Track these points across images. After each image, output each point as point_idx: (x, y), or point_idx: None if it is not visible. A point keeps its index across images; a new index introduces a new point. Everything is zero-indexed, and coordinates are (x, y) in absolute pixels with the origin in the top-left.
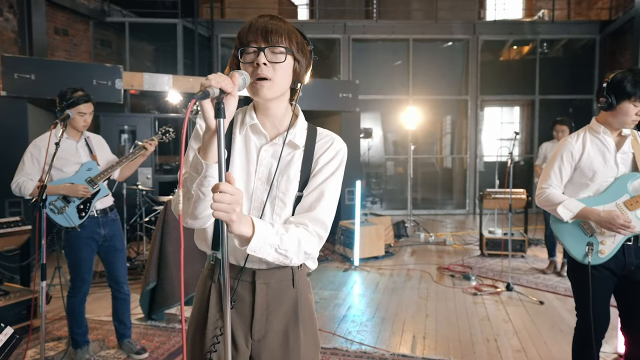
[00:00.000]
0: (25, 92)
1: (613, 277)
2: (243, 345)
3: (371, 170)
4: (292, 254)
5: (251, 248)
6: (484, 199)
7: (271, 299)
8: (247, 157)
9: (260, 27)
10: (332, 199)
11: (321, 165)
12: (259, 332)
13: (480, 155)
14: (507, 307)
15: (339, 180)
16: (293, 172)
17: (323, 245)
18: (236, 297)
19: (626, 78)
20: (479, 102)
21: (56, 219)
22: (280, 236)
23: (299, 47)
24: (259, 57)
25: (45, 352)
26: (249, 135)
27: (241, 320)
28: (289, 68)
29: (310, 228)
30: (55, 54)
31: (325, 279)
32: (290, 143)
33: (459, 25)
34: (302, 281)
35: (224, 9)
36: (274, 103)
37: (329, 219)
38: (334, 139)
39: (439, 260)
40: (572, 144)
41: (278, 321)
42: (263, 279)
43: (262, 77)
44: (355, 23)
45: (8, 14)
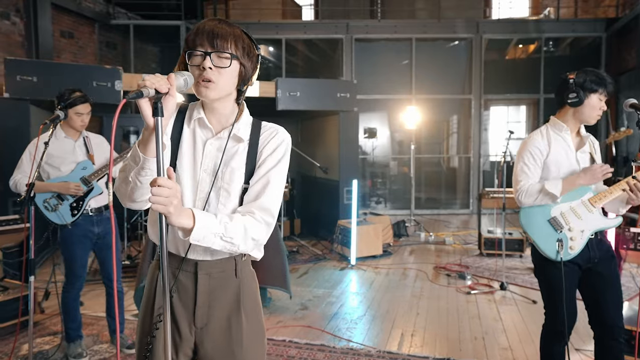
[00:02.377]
0: (28, 93)
1: (579, 270)
2: (187, 332)
3: (377, 170)
4: (239, 240)
5: (194, 238)
6: (483, 198)
7: (213, 288)
8: (194, 150)
9: (208, 32)
10: (277, 187)
11: (265, 156)
12: (201, 320)
13: (486, 155)
14: (499, 306)
15: (284, 170)
16: (237, 164)
17: (321, 244)
18: (180, 286)
19: (588, 75)
20: (482, 102)
21: (49, 217)
22: (224, 225)
23: (245, 52)
24: (205, 61)
25: (41, 346)
26: (196, 129)
27: (184, 308)
28: (234, 72)
29: (257, 215)
30: (61, 57)
31: (321, 277)
32: (235, 137)
33: (462, 24)
34: (246, 271)
35: (228, 11)
36: (219, 103)
37: (275, 207)
38: (278, 131)
39: (436, 259)
40: (539, 141)
41: (220, 309)
42: (205, 270)
43: (206, 79)
44: (357, 23)
45: (15, 17)
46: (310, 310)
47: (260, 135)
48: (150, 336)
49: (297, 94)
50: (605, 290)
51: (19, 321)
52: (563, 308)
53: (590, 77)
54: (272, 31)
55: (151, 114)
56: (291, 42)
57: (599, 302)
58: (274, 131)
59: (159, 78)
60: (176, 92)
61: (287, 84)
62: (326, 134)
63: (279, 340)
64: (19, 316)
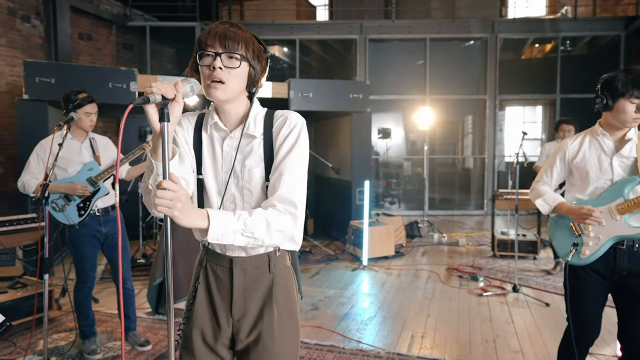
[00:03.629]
0: (46, 95)
1: (604, 281)
2: (225, 323)
3: (391, 170)
4: (262, 234)
5: (211, 237)
6: (496, 199)
7: (248, 283)
8: (213, 153)
9: (219, 33)
10: (294, 175)
11: (278, 146)
12: (238, 313)
13: (501, 156)
14: (511, 309)
15: (300, 155)
16: (253, 162)
17: (333, 244)
18: (218, 281)
19: (617, 76)
20: (497, 102)
21: (57, 217)
22: (243, 221)
23: (254, 55)
24: (215, 61)
25: (57, 342)
26: (213, 132)
27: (223, 301)
28: (243, 73)
29: (279, 207)
30: (79, 58)
31: (333, 277)
32: (246, 135)
33: (477, 24)
34: (280, 266)
35: (243, 12)
36: (229, 105)
37: (296, 195)
38: (288, 117)
39: (449, 261)
40: (568, 144)
41: (255, 303)
42: (240, 266)
43: (216, 80)
44: (371, 23)
45: (35, 20)
46: (321, 310)
47: (273, 126)
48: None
49: (309, 95)
50: (634, 307)
51: (34, 318)
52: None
53: (617, 79)
54: (286, 32)
55: (158, 119)
56: (305, 42)
57: (627, 319)
58: (285, 118)
59: (166, 84)
60: (183, 97)
61: (300, 84)
62: (339, 135)
63: None
64: (34, 313)
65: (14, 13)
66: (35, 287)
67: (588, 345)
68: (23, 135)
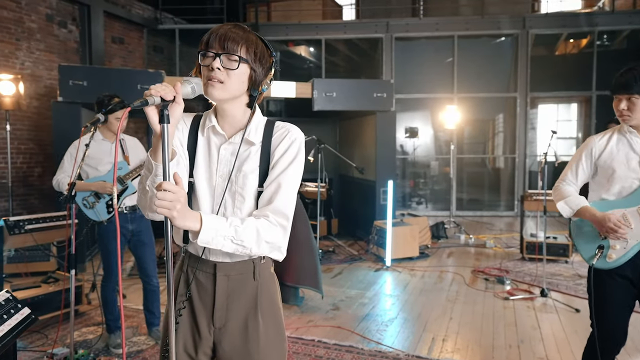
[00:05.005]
0: (79, 97)
1: (631, 286)
2: (206, 331)
3: (418, 170)
4: (250, 243)
5: (201, 240)
6: (525, 200)
7: (231, 290)
8: (209, 157)
9: (220, 34)
10: (290, 190)
11: (277, 158)
12: (219, 321)
13: (533, 155)
14: (538, 314)
15: (298, 171)
16: (250, 168)
17: (357, 244)
18: (199, 287)
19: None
20: (529, 100)
21: (87, 213)
22: (234, 228)
23: (256, 57)
24: (214, 62)
25: (85, 335)
26: (210, 136)
27: (204, 308)
28: (243, 75)
29: (271, 219)
30: (112, 61)
31: (355, 278)
32: (246, 140)
33: (507, 20)
34: (265, 274)
35: (269, 13)
36: (229, 106)
37: (289, 209)
38: (289, 130)
39: (475, 263)
40: (595, 141)
41: (238, 311)
42: (223, 271)
43: (214, 80)
44: (398, 21)
45: (71, 25)
46: (342, 310)
47: (273, 136)
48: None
49: (333, 95)
50: None
51: (62, 313)
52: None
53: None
54: (312, 32)
55: (158, 121)
56: (331, 42)
57: None
58: (285, 131)
59: (165, 86)
60: (184, 98)
61: (323, 84)
62: (363, 134)
63: (308, 340)
64: (62, 307)
65: (52, 19)
66: (66, 282)
67: (614, 353)
68: (58, 136)
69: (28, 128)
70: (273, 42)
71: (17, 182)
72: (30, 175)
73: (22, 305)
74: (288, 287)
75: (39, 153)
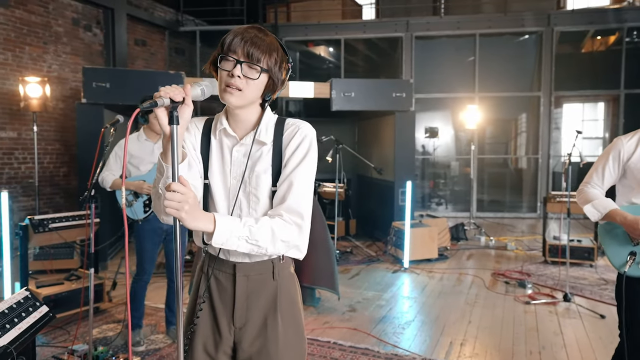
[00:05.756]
0: (102, 98)
1: None
2: (226, 331)
3: (438, 170)
4: (266, 243)
5: (215, 241)
6: (548, 202)
7: (251, 290)
8: (222, 159)
9: (245, 40)
10: (303, 187)
11: (288, 156)
12: (239, 320)
13: (557, 156)
14: (561, 319)
15: (310, 167)
16: (262, 168)
17: (376, 245)
18: (220, 287)
19: None
20: (553, 99)
21: (126, 211)
22: (248, 228)
23: (276, 64)
24: (235, 69)
25: (105, 332)
26: (222, 138)
27: (224, 308)
28: (261, 83)
29: (285, 217)
30: (135, 63)
31: (372, 279)
32: (257, 141)
33: (531, 17)
34: (284, 274)
35: (289, 13)
36: (241, 110)
37: (304, 206)
38: (299, 127)
39: (496, 265)
40: (623, 143)
41: (258, 311)
42: (243, 272)
43: (233, 87)
44: (418, 20)
45: (96, 29)
46: (358, 312)
47: (283, 134)
48: (189, 332)
49: (351, 95)
50: None
51: (81, 310)
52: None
53: None
54: (332, 32)
55: (167, 122)
56: (351, 42)
57: None
58: (296, 128)
59: (174, 88)
60: (194, 100)
61: (342, 84)
62: (382, 134)
63: (323, 342)
64: (81, 305)
65: (78, 23)
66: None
67: None
68: (82, 136)
69: (54, 129)
70: (292, 42)
71: (43, 182)
72: (57, 174)
73: (40, 303)
74: (304, 288)
75: (65, 153)
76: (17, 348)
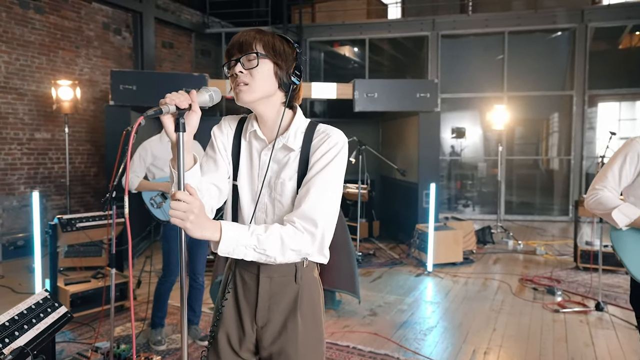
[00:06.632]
0: (129, 100)
1: None
2: (249, 328)
3: (466, 171)
4: (274, 252)
5: (221, 250)
6: (580, 205)
7: (274, 291)
8: (250, 163)
9: (235, 40)
10: (322, 193)
11: (313, 162)
12: (262, 320)
13: (591, 157)
14: (592, 329)
15: (333, 174)
16: (288, 174)
17: (399, 247)
18: (244, 286)
19: None
20: (586, 98)
21: (155, 213)
22: (256, 236)
23: (276, 51)
24: (236, 67)
25: (129, 330)
26: (252, 141)
27: (248, 306)
28: (267, 71)
29: (297, 225)
30: (162, 66)
31: (395, 283)
32: (284, 146)
33: (563, 14)
34: (307, 277)
35: (314, 14)
36: (260, 107)
37: (319, 214)
38: (330, 134)
39: (523, 271)
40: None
41: (279, 312)
42: (267, 273)
43: (240, 84)
44: (444, 19)
45: (125, 32)
46: (379, 316)
47: (313, 140)
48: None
49: (374, 95)
50: None
51: (103, 309)
52: None
53: None
54: (356, 32)
55: (174, 129)
56: (376, 41)
57: None
58: (326, 135)
59: (180, 95)
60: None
61: (365, 85)
62: (406, 135)
63: (343, 346)
64: (102, 304)
65: (108, 27)
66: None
67: None
68: (109, 138)
69: (85, 130)
70: (317, 43)
71: (75, 181)
72: (87, 174)
73: (59, 304)
74: (325, 291)
75: (95, 154)
76: (34, 348)
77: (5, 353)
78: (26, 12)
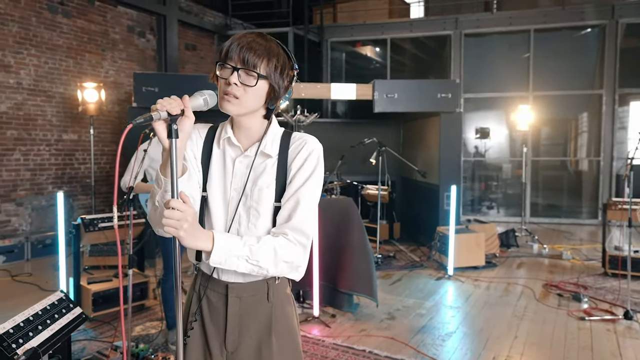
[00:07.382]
0: (151, 102)
1: None
2: (218, 354)
3: (491, 172)
4: (267, 264)
5: (213, 260)
6: (609, 209)
7: (244, 312)
8: (224, 170)
9: (241, 46)
10: (310, 205)
11: (294, 172)
12: (232, 344)
13: (621, 158)
14: (620, 339)
15: (316, 184)
16: (265, 182)
17: (420, 250)
18: (211, 307)
19: None
20: (617, 97)
21: None
22: (249, 247)
23: (277, 71)
24: (232, 77)
25: (148, 330)
26: (225, 148)
27: (216, 330)
28: (260, 91)
29: (290, 237)
30: (185, 67)
31: (414, 286)
32: (262, 153)
33: (592, 10)
34: (280, 295)
35: (335, 14)
36: (244, 119)
37: (309, 226)
38: (306, 141)
39: (548, 276)
40: None
41: (251, 335)
42: (235, 293)
43: (230, 94)
44: (468, 17)
45: (149, 35)
46: (397, 320)
47: (289, 148)
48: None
49: (394, 96)
50: None
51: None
52: None
53: None
54: (378, 31)
55: (166, 135)
56: (398, 41)
57: None
58: (302, 142)
59: (172, 100)
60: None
61: (384, 85)
62: (427, 136)
63: (358, 350)
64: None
65: (133, 30)
66: (134, 278)
67: None
68: (131, 139)
69: (110, 131)
70: (338, 43)
71: (100, 181)
72: (112, 175)
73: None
74: (342, 294)
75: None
76: (48, 349)
77: (19, 353)
78: (55, 16)
